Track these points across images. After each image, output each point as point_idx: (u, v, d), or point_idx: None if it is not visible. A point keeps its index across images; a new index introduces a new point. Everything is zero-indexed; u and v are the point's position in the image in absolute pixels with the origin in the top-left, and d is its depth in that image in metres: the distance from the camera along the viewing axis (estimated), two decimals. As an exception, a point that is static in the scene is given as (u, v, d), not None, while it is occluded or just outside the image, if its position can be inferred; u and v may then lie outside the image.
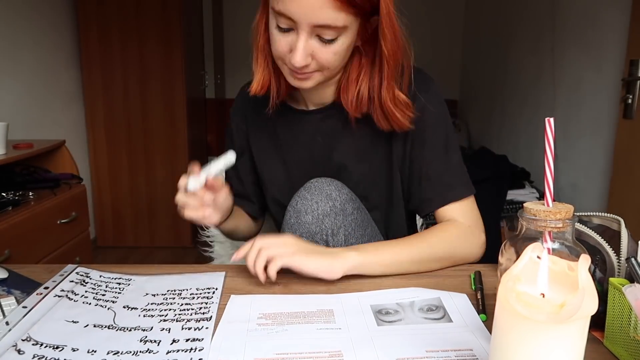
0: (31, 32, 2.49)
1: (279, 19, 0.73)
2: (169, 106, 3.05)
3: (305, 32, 0.73)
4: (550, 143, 0.55)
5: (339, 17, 0.71)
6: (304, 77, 0.79)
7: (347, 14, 0.71)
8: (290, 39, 0.75)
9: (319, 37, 0.74)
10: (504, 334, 0.44)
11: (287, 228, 0.84)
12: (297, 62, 0.74)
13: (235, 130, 1.02)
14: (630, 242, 0.63)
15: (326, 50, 0.75)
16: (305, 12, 0.70)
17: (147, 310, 0.67)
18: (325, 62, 0.77)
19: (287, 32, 0.75)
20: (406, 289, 0.73)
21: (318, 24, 0.71)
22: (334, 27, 0.72)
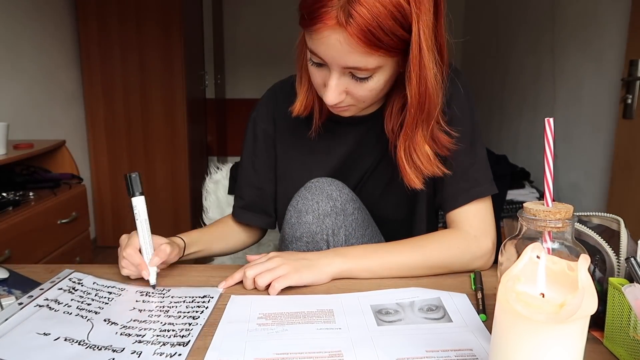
0: (31, 33, 2.49)
1: (312, 55, 0.71)
2: (169, 106, 3.05)
3: (337, 71, 0.70)
4: (550, 143, 0.55)
5: (369, 60, 0.67)
6: (341, 110, 0.78)
7: (377, 56, 0.67)
8: (323, 74, 0.73)
9: (352, 74, 0.71)
10: (504, 334, 0.44)
11: (288, 227, 0.84)
12: (329, 101, 0.72)
13: (262, 137, 0.96)
14: (630, 242, 0.63)
15: (360, 88, 0.72)
16: (333, 56, 0.68)
17: (126, 327, 0.63)
18: (361, 97, 0.74)
19: (320, 67, 0.73)
20: (406, 289, 0.74)
21: (347, 65, 0.68)
22: (366, 69, 0.69)
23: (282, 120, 0.93)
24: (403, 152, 0.78)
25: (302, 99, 0.83)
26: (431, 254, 0.80)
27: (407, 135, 0.77)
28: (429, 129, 0.77)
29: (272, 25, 4.24)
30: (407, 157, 0.78)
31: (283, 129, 0.94)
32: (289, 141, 0.94)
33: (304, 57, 0.78)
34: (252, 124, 0.97)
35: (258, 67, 4.23)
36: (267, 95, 0.98)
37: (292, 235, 0.83)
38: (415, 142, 0.77)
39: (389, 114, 0.82)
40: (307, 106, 0.84)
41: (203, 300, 0.70)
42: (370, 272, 0.78)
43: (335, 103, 0.73)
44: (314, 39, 0.68)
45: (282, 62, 3.90)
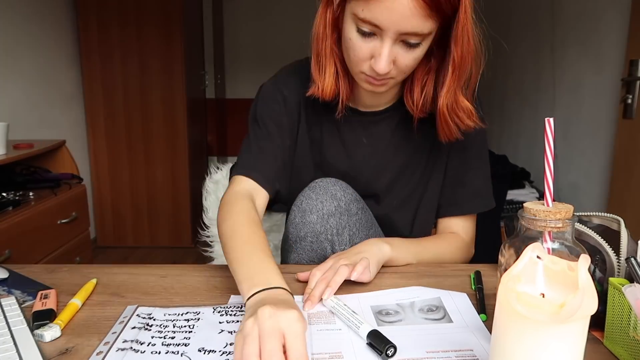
0: (31, 33, 2.49)
1: (361, 24, 0.71)
2: (169, 106, 3.05)
3: (391, 38, 0.71)
4: (550, 143, 0.55)
5: (426, 24, 0.69)
6: (380, 83, 0.78)
7: (434, 20, 0.69)
8: (372, 45, 0.72)
9: (403, 42, 0.72)
10: (504, 334, 0.44)
11: (292, 227, 0.84)
12: (381, 69, 0.72)
13: (282, 102, 0.90)
14: (630, 242, 0.63)
15: (408, 56, 0.73)
16: (394, 20, 0.68)
17: (225, 352, 0.57)
18: (405, 67, 0.75)
19: (369, 37, 0.72)
20: (406, 289, 0.73)
21: (406, 31, 0.69)
22: (421, 34, 0.70)
23: (306, 98, 0.88)
24: (446, 107, 0.80)
25: (330, 83, 0.81)
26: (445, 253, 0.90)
27: (450, 91, 0.79)
28: (470, 89, 0.81)
29: (272, 26, 4.24)
30: (451, 111, 0.81)
31: (306, 107, 0.91)
32: (307, 121, 0.92)
33: (330, 39, 0.78)
34: (270, 90, 0.91)
35: (258, 67, 4.23)
36: (287, 69, 0.94)
37: (296, 235, 0.83)
38: (457, 99, 0.80)
39: (409, 90, 0.85)
40: (332, 90, 0.82)
41: None
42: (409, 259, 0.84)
43: (386, 71, 0.73)
44: (374, 5, 0.68)
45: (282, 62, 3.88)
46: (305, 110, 0.92)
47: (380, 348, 0.55)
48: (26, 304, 0.69)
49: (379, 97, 0.88)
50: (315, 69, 0.82)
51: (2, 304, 0.66)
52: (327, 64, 0.81)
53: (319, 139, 0.93)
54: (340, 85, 0.83)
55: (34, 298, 0.70)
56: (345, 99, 0.85)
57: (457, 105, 0.80)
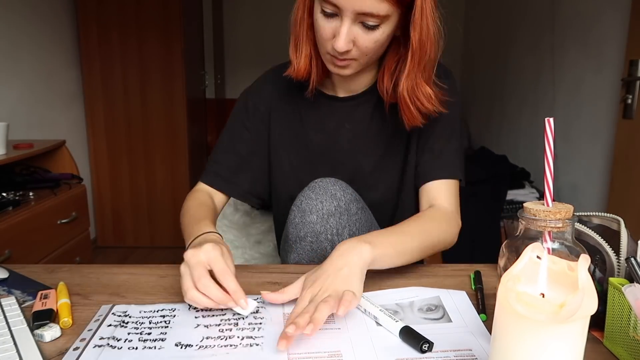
0: (31, 33, 2.49)
1: (324, 4, 0.75)
2: (169, 106, 3.05)
3: (349, 18, 0.75)
4: (550, 143, 0.55)
5: (381, 6, 0.73)
6: (343, 64, 0.81)
7: (389, 3, 0.73)
8: (334, 25, 0.77)
9: (362, 23, 0.76)
10: (504, 334, 0.44)
11: (292, 227, 0.84)
12: (340, 47, 0.76)
13: (252, 110, 0.99)
14: (630, 242, 0.63)
15: (368, 38, 0.77)
16: (350, 0, 0.72)
17: (203, 347, 0.58)
18: (365, 49, 0.79)
19: (331, 18, 0.77)
20: (405, 289, 0.73)
21: (362, 11, 0.73)
22: (377, 15, 0.74)
23: (277, 98, 0.98)
24: (406, 91, 0.83)
25: (303, 63, 0.87)
26: (431, 233, 0.82)
27: (410, 76, 0.82)
28: (430, 73, 0.84)
29: (272, 26, 4.24)
30: (411, 96, 0.83)
31: (278, 107, 0.98)
32: (283, 118, 0.98)
33: (306, 23, 0.84)
34: (243, 99, 1.01)
35: (258, 67, 4.20)
36: (263, 76, 1.03)
37: (296, 235, 0.84)
38: (417, 83, 0.83)
39: (381, 76, 0.88)
40: (305, 70, 0.88)
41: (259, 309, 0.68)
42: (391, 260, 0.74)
43: (344, 50, 0.77)
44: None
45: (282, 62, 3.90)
46: (277, 111, 0.98)
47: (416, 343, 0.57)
48: (26, 304, 0.69)
49: (353, 82, 0.92)
50: (293, 51, 0.87)
51: (2, 304, 0.66)
52: (302, 46, 0.86)
53: (302, 133, 0.97)
54: (313, 66, 0.88)
55: (34, 298, 0.70)
56: (316, 81, 0.89)
57: (417, 89, 0.83)
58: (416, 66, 0.81)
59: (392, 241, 0.75)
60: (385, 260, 0.73)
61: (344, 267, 0.66)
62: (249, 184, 0.99)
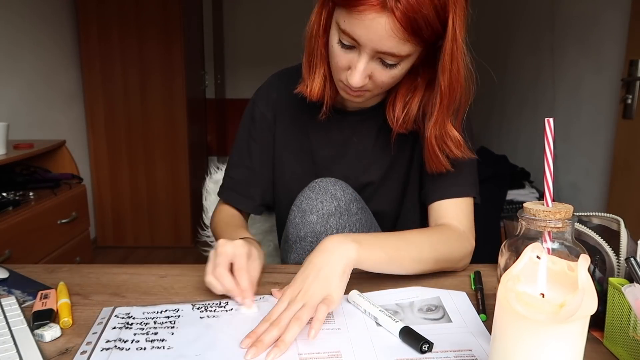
0: (31, 32, 2.49)
1: (343, 36, 0.71)
2: (169, 106, 3.05)
3: (368, 55, 0.71)
4: (549, 143, 0.55)
5: (404, 47, 0.69)
6: (356, 95, 0.78)
7: (412, 44, 0.69)
8: (350, 57, 0.73)
9: (380, 60, 0.72)
10: (503, 334, 0.44)
11: (292, 227, 0.84)
12: (354, 83, 0.73)
13: (259, 119, 0.96)
14: (630, 242, 0.63)
15: (385, 74, 0.74)
16: (371, 38, 0.68)
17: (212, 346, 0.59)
18: (382, 83, 0.75)
19: (348, 50, 0.72)
20: (405, 289, 0.73)
21: (383, 50, 0.69)
22: (398, 55, 0.70)
23: (284, 106, 0.95)
24: (434, 138, 0.79)
25: (317, 84, 0.82)
26: (436, 246, 0.77)
27: (438, 122, 0.78)
28: (459, 118, 0.80)
29: (272, 26, 4.24)
30: (440, 142, 0.80)
31: (284, 115, 0.95)
32: (289, 127, 0.95)
33: (321, 40, 0.78)
34: (251, 106, 0.98)
35: (258, 67, 4.23)
36: (269, 80, 0.99)
37: (296, 235, 0.84)
38: (446, 129, 0.79)
39: (391, 104, 0.84)
40: (319, 92, 0.83)
41: None
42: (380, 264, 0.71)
43: (360, 86, 0.74)
44: (354, 19, 0.67)
45: (282, 62, 3.89)
46: (283, 120, 0.95)
47: (416, 344, 0.57)
48: (26, 304, 0.69)
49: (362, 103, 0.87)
50: (306, 67, 0.82)
51: (2, 304, 0.66)
52: (317, 64, 0.81)
53: (306, 145, 0.94)
54: (327, 87, 0.83)
55: (34, 298, 0.70)
56: (330, 101, 0.85)
57: (445, 135, 0.79)
58: (445, 111, 0.77)
59: (384, 244, 0.70)
60: (373, 262, 0.69)
61: (324, 267, 0.64)
62: (259, 196, 0.98)
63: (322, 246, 0.66)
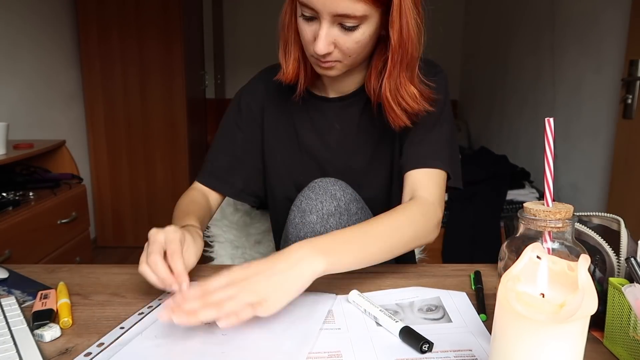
0: (31, 33, 2.49)
1: (303, 8, 0.76)
2: (169, 106, 3.05)
3: (327, 20, 0.75)
4: (550, 143, 0.55)
5: (357, 6, 0.72)
6: (328, 66, 0.81)
7: (364, 3, 0.72)
8: (314, 28, 0.77)
9: (340, 25, 0.75)
10: (504, 334, 0.44)
11: (292, 227, 0.84)
12: (319, 50, 0.76)
13: (245, 110, 1.00)
14: (630, 242, 0.63)
15: (348, 39, 0.77)
16: (324, 2, 0.72)
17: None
18: (347, 50, 0.78)
19: (311, 21, 0.77)
20: (405, 289, 0.74)
21: (338, 12, 0.73)
22: (354, 16, 0.73)
23: (271, 97, 0.99)
24: (389, 92, 0.82)
25: (292, 67, 0.87)
26: (403, 230, 0.75)
27: (392, 76, 0.81)
28: (413, 71, 0.82)
29: (272, 25, 4.21)
30: (394, 96, 0.82)
31: (271, 105, 0.99)
32: (276, 116, 0.98)
33: (293, 26, 0.84)
34: (237, 98, 1.02)
35: (258, 67, 4.19)
36: (257, 74, 1.04)
37: (296, 235, 0.84)
38: (401, 83, 0.82)
39: (368, 77, 0.87)
40: (294, 73, 0.88)
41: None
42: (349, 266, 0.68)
43: (324, 52, 0.77)
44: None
45: (282, 62, 3.90)
46: (270, 110, 0.99)
47: (416, 343, 0.57)
48: (26, 304, 0.69)
49: (343, 83, 0.92)
50: (282, 55, 0.88)
51: (2, 304, 0.66)
52: (291, 50, 0.86)
53: (293, 133, 0.98)
54: (301, 69, 0.88)
55: (34, 298, 0.70)
56: (305, 83, 0.90)
57: (401, 88, 0.82)
58: (397, 65, 0.80)
59: (351, 246, 0.68)
60: (342, 268, 0.66)
61: (281, 274, 0.60)
62: (242, 182, 1.00)
63: (290, 253, 0.62)
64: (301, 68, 0.88)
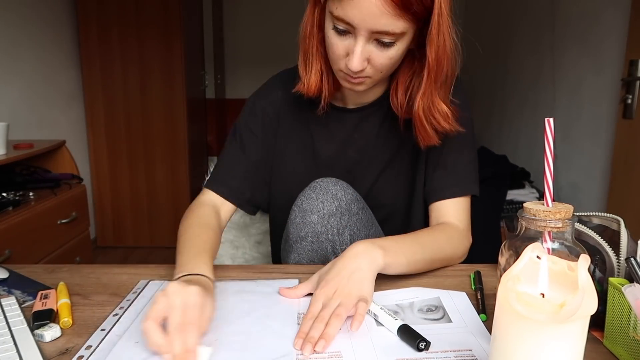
0: (31, 32, 2.49)
1: (336, 22, 0.72)
2: (169, 106, 3.05)
3: (364, 37, 0.72)
4: (550, 143, 0.55)
5: (397, 23, 0.70)
6: (358, 82, 0.79)
7: (405, 20, 0.70)
8: (347, 43, 0.74)
9: (377, 41, 0.73)
10: (504, 334, 0.44)
11: (293, 227, 0.84)
12: (354, 67, 0.74)
13: (260, 115, 0.96)
14: (630, 242, 0.63)
15: (382, 55, 0.74)
16: (364, 18, 0.69)
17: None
18: (380, 66, 0.76)
19: (344, 35, 0.74)
20: (405, 289, 0.74)
21: (377, 30, 0.70)
22: (392, 33, 0.71)
23: (287, 104, 0.95)
24: (422, 111, 0.81)
25: (314, 80, 0.84)
26: (443, 247, 0.82)
27: (426, 94, 0.80)
28: (447, 91, 0.82)
29: (272, 26, 4.24)
30: (427, 115, 0.81)
31: (287, 113, 0.96)
32: (292, 124, 0.96)
33: (316, 37, 0.80)
34: (251, 103, 0.98)
35: (258, 67, 4.23)
36: (270, 81, 0.99)
37: (297, 235, 0.84)
38: (434, 102, 0.80)
39: (394, 91, 0.86)
40: (317, 87, 0.85)
41: None
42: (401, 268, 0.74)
43: (360, 70, 0.74)
44: (346, 3, 0.69)
45: (282, 62, 3.88)
46: (286, 118, 0.96)
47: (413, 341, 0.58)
48: (26, 304, 0.69)
49: (364, 95, 0.90)
50: (302, 66, 0.85)
51: (2, 304, 0.66)
52: (313, 62, 0.83)
53: (309, 143, 0.95)
54: (324, 82, 0.85)
55: (34, 298, 0.70)
56: (328, 97, 0.87)
57: (433, 108, 0.81)
58: (432, 84, 0.78)
59: (404, 250, 0.75)
60: (396, 267, 0.73)
61: (356, 271, 0.67)
62: (249, 193, 0.95)
63: (351, 251, 0.69)
64: (324, 81, 0.85)
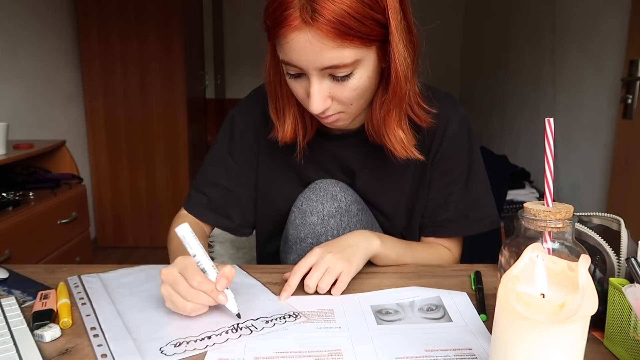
0: (31, 33, 2.49)
1: (287, 67, 0.69)
2: (169, 106, 3.05)
3: (315, 76, 0.67)
4: (550, 143, 0.55)
5: (344, 53, 0.64)
6: (331, 120, 0.74)
7: (352, 47, 0.63)
8: (304, 85, 0.70)
9: (332, 76, 0.67)
10: (504, 334, 0.44)
11: (292, 228, 0.84)
12: (315, 109, 0.69)
13: (238, 138, 0.91)
14: (630, 242, 0.63)
15: (344, 89, 0.69)
16: (307, 58, 0.64)
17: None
18: (347, 99, 0.70)
19: (299, 78, 0.70)
20: (406, 288, 0.74)
21: (325, 66, 0.65)
22: (343, 65, 0.65)
23: (266, 123, 0.87)
24: (375, 133, 0.80)
25: (289, 125, 0.80)
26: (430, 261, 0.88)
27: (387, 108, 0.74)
28: (400, 114, 0.76)
29: (272, 25, 4.24)
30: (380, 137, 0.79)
31: (267, 136, 0.88)
32: (273, 148, 0.88)
33: (278, 80, 0.76)
34: (229, 123, 0.92)
35: (258, 67, 4.18)
36: (249, 96, 0.94)
37: (296, 237, 0.83)
38: (388, 126, 0.76)
39: (369, 116, 0.80)
40: (292, 132, 0.81)
41: None
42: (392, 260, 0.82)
43: (321, 111, 0.70)
44: (284, 46, 0.65)
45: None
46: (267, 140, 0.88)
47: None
48: (26, 304, 0.69)
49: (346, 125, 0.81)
50: (274, 112, 0.81)
51: (2, 304, 0.66)
52: (285, 107, 0.79)
53: (294, 165, 0.89)
54: (299, 126, 0.81)
55: (34, 298, 0.70)
56: (307, 137, 0.83)
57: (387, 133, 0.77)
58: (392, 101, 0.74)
59: (397, 249, 0.82)
60: (385, 259, 0.81)
61: (352, 246, 0.75)
62: (240, 218, 0.92)
63: (351, 234, 0.78)
64: (299, 125, 0.80)
